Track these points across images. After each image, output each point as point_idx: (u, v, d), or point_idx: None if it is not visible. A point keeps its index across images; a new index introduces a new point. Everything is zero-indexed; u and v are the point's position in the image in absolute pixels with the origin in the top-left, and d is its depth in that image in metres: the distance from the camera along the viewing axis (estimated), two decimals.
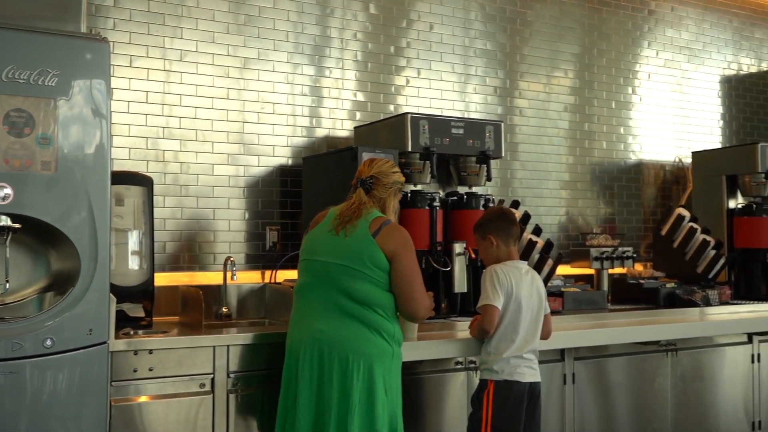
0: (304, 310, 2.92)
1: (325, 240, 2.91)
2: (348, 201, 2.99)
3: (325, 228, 2.94)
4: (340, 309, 2.84)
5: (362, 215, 2.90)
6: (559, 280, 4.44)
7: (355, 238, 2.85)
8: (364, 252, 2.84)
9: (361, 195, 2.97)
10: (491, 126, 4.08)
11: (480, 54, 5.02)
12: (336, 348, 2.80)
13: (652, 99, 5.72)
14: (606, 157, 5.49)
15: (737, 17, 6.21)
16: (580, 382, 3.96)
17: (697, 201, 5.43)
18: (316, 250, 2.93)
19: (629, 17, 5.65)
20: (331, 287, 2.85)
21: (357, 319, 2.83)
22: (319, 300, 2.87)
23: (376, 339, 2.83)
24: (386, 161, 3.09)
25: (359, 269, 2.84)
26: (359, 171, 3.06)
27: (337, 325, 2.83)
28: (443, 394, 3.63)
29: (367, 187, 2.98)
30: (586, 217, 5.35)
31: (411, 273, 2.89)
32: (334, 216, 2.96)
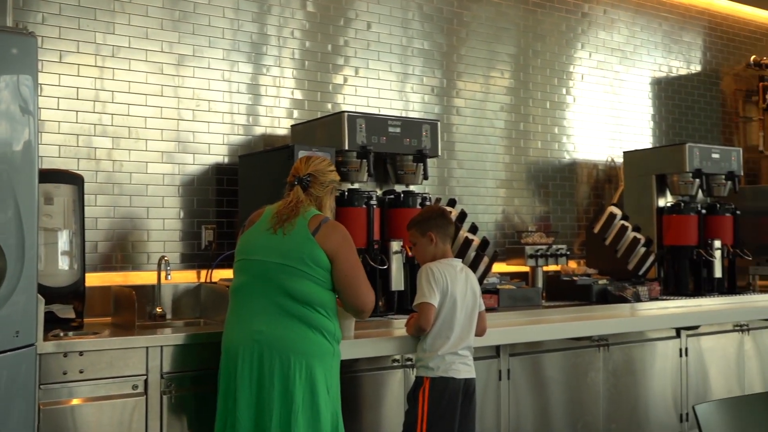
0: (242, 310, 2.86)
1: (263, 239, 2.86)
2: (285, 199, 2.95)
3: (263, 227, 2.89)
4: (279, 309, 2.79)
5: (300, 213, 2.87)
6: (495, 278, 4.50)
7: (294, 236, 2.82)
8: (304, 250, 2.80)
9: (298, 193, 2.93)
10: (428, 125, 4.11)
11: (418, 53, 5.05)
12: (276, 349, 2.75)
13: (586, 100, 5.84)
14: (541, 156, 5.58)
15: (667, 21, 6.38)
16: (515, 378, 4.02)
17: (628, 199, 5.57)
18: (254, 250, 2.88)
19: (563, 19, 5.76)
20: (270, 287, 2.80)
21: (297, 318, 2.79)
22: (258, 300, 2.82)
23: (317, 338, 2.80)
24: (323, 159, 3.06)
25: (299, 268, 2.80)
26: (295, 168, 3.02)
27: (277, 325, 2.78)
28: (381, 391, 3.65)
29: (304, 185, 2.94)
30: (521, 216, 5.43)
31: (354, 269, 2.89)
32: (271, 214, 2.91)
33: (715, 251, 5.16)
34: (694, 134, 6.48)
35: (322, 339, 2.82)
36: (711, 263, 5.18)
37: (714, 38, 6.73)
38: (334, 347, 2.88)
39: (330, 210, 3.02)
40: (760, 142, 6.97)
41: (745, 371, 5.07)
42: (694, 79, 6.57)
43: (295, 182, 2.95)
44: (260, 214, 2.98)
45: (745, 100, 6.95)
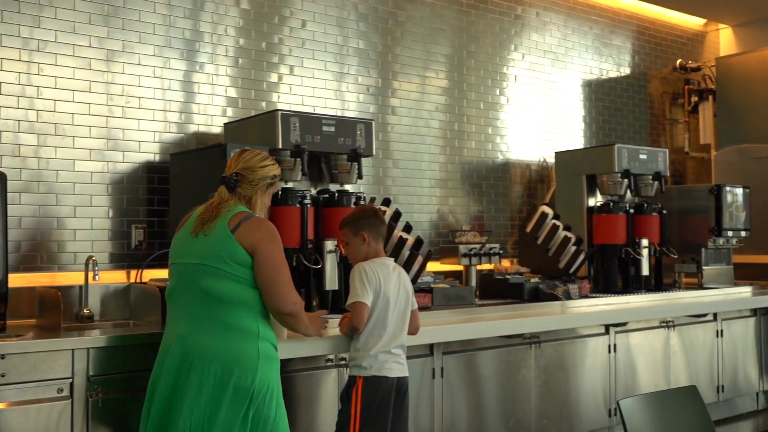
0: (171, 315, 2.82)
1: (187, 242, 2.80)
2: (209, 200, 2.88)
3: (188, 230, 2.83)
4: (199, 311, 2.72)
5: (221, 214, 2.78)
6: (429, 277, 4.53)
7: (214, 236, 2.74)
8: (222, 248, 2.72)
9: (222, 193, 2.85)
10: (362, 124, 4.11)
11: (353, 53, 5.05)
12: (193, 353, 2.67)
13: (519, 101, 5.93)
14: (475, 156, 5.64)
15: (597, 24, 6.53)
16: (448, 376, 4.05)
17: (559, 199, 5.67)
18: (179, 253, 2.83)
19: (497, 21, 5.83)
20: (192, 289, 2.74)
21: (217, 320, 2.70)
22: (182, 304, 2.77)
23: (236, 341, 2.70)
24: (255, 154, 2.93)
25: (218, 267, 2.71)
26: (227, 165, 2.93)
27: (196, 328, 2.71)
28: (314, 391, 3.63)
29: (230, 184, 2.85)
30: (456, 215, 5.49)
31: (274, 267, 2.75)
32: (195, 217, 2.85)
33: (643, 250, 5.30)
34: (623, 135, 6.64)
35: (241, 341, 2.71)
36: (639, 261, 5.32)
37: (642, 42, 6.91)
38: (257, 348, 2.73)
39: (261, 208, 2.91)
40: (685, 143, 7.19)
41: (670, 366, 5.22)
42: (623, 81, 6.73)
43: (221, 181, 2.87)
44: (189, 216, 2.90)
45: (671, 103, 7.16)
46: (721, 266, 5.96)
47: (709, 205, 5.83)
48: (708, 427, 2.30)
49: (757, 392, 6.00)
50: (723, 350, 5.61)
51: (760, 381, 5.95)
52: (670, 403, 2.29)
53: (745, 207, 5.98)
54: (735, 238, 5.92)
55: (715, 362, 5.55)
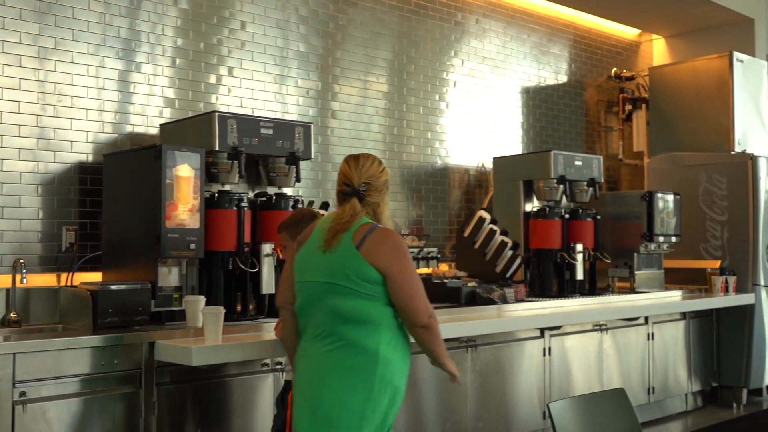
0: (304, 332, 2.75)
1: (313, 258, 2.72)
2: (338, 212, 2.75)
3: (315, 245, 2.73)
4: (328, 330, 2.65)
5: (349, 229, 2.67)
6: None
7: (339, 252, 2.65)
8: (347, 266, 2.63)
9: (355, 206, 2.72)
10: (301, 127, 4.10)
11: (293, 55, 5.02)
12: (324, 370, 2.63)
13: (458, 106, 5.98)
14: (415, 160, 5.67)
15: (535, 32, 6.63)
16: None
17: (497, 204, 5.74)
18: (305, 270, 2.73)
19: (437, 27, 5.88)
20: (320, 308, 2.67)
21: (345, 338, 2.62)
22: (310, 323, 2.70)
23: (363, 358, 2.61)
24: (372, 160, 2.82)
25: (344, 285, 2.63)
26: (345, 176, 2.77)
27: (323, 346, 2.64)
28: (250, 396, 3.60)
29: (361, 196, 2.73)
30: (395, 219, 5.50)
31: (408, 280, 2.65)
32: (323, 230, 2.74)
33: (577, 254, 5.41)
34: (560, 142, 6.76)
35: (363, 358, 2.61)
36: (573, 266, 5.42)
37: (579, 51, 7.05)
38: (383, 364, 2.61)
39: (387, 214, 2.83)
40: (619, 150, 7.36)
41: (603, 368, 5.33)
42: (560, 89, 6.86)
43: (350, 193, 2.74)
44: (312, 229, 2.80)
45: (606, 111, 7.32)
46: (652, 271, 6.11)
47: (642, 211, 5.97)
48: (635, 428, 2.35)
49: (686, 393, 6.17)
50: (654, 353, 5.76)
51: (689, 382, 6.13)
52: (599, 405, 2.34)
53: (675, 213, 6.15)
54: (666, 244, 6.08)
55: (646, 364, 5.70)
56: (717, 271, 6.28)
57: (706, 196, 6.55)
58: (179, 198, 3.54)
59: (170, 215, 3.51)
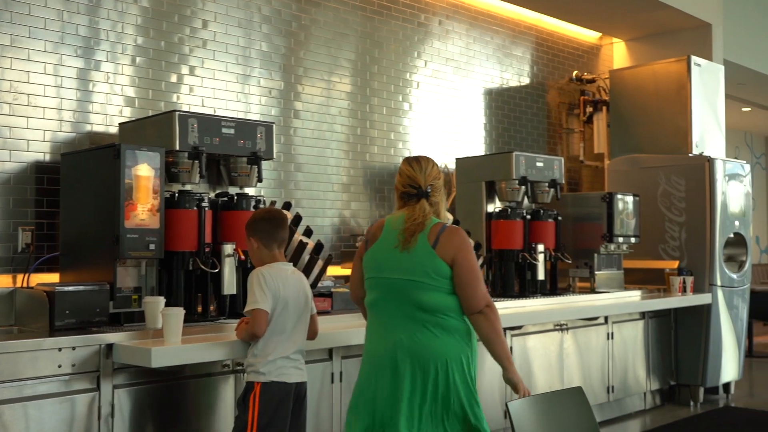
0: (381, 324, 3.00)
1: (391, 256, 2.96)
2: (409, 214, 2.97)
3: (390, 243, 2.97)
4: (413, 319, 2.92)
5: (422, 229, 2.94)
6: (330, 281, 4.53)
7: (417, 252, 2.92)
8: (427, 265, 2.91)
9: (425, 207, 2.98)
10: (263, 127, 4.08)
11: (256, 55, 5.00)
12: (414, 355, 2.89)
13: (421, 107, 6.00)
14: (378, 161, 5.68)
15: (498, 34, 6.68)
16: (348, 380, 4.05)
17: (460, 205, 5.77)
18: (383, 267, 2.98)
19: (400, 27, 5.89)
20: (403, 301, 2.93)
21: (431, 325, 2.91)
22: (394, 313, 2.95)
23: (448, 340, 2.91)
24: (432, 163, 3.06)
25: (425, 281, 2.91)
26: (410, 178, 3.01)
27: (413, 334, 2.91)
28: (211, 397, 3.57)
29: (428, 196, 2.99)
30: (358, 219, 5.50)
31: (471, 271, 2.95)
32: (396, 230, 2.98)
33: (539, 255, 5.46)
34: (522, 143, 6.81)
35: (452, 340, 2.92)
36: (535, 266, 5.46)
37: (541, 53, 7.12)
38: (467, 344, 2.96)
39: (445, 211, 3.11)
40: (580, 152, 7.45)
41: (564, 368, 5.38)
42: (522, 91, 6.91)
43: (416, 195, 2.98)
44: (380, 227, 3.04)
45: (568, 113, 7.40)
46: (612, 271, 6.19)
47: (602, 212, 6.05)
48: (593, 427, 2.38)
49: (645, 392, 6.26)
50: (613, 352, 5.83)
51: (648, 381, 6.22)
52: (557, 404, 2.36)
53: (635, 214, 6.24)
54: (625, 244, 6.17)
55: (606, 364, 5.77)
56: (675, 271, 6.38)
57: (664, 198, 6.66)
58: (138, 198, 3.50)
59: (129, 215, 3.47)
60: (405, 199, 3.02)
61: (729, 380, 6.70)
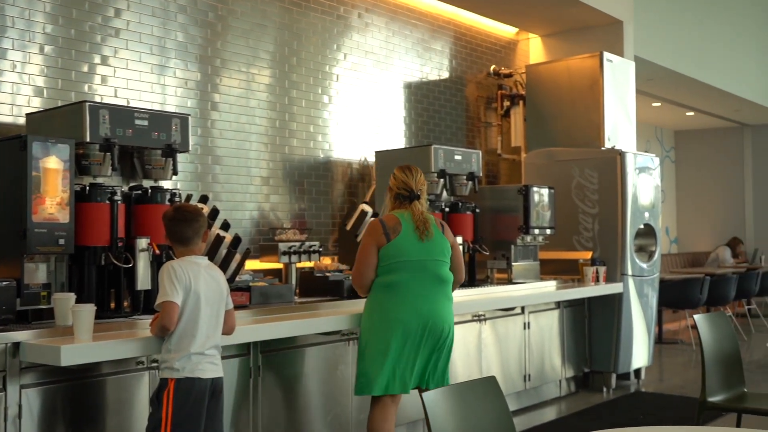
0: (409, 297, 3.87)
1: (414, 244, 3.89)
2: (411, 211, 3.92)
3: (411, 236, 3.89)
4: (435, 292, 3.93)
5: (430, 221, 3.94)
6: (248, 275, 4.49)
7: (435, 239, 3.93)
8: (444, 248, 3.97)
9: (422, 205, 3.96)
10: (178, 119, 4.00)
11: (172, 45, 4.90)
12: (437, 318, 3.91)
13: (341, 99, 5.99)
14: (297, 154, 5.64)
15: (417, 28, 6.72)
16: (266, 375, 4.03)
17: (379, 198, 5.78)
18: (409, 252, 3.88)
19: (319, 19, 5.86)
20: (426, 277, 3.90)
21: (444, 295, 3.98)
22: (421, 288, 3.89)
23: (451, 307, 4.03)
24: (419, 172, 4.02)
25: (443, 260, 3.96)
26: (405, 183, 3.95)
27: (435, 304, 3.92)
28: (126, 395, 3.49)
29: (418, 198, 3.95)
30: (277, 213, 5.46)
31: (460, 256, 4.17)
32: (411, 225, 3.90)
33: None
34: (441, 137, 6.88)
35: (452, 307, 4.05)
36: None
37: (459, 47, 7.20)
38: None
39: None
40: (498, 145, 7.57)
41: (482, 358, 5.48)
42: (441, 84, 6.98)
43: (409, 197, 3.94)
44: (398, 223, 3.89)
45: (486, 107, 7.51)
46: (528, 262, 6.33)
47: (518, 205, 6.17)
48: (505, 415, 2.43)
49: (560, 379, 6.43)
50: (530, 341, 5.97)
51: (563, 369, 6.39)
52: (471, 393, 2.40)
53: (550, 206, 6.39)
54: (541, 236, 6.30)
55: (522, 353, 5.90)
56: (588, 261, 6.56)
57: (578, 190, 6.84)
58: (47, 191, 3.39)
59: (37, 209, 3.35)
60: (400, 200, 3.96)
61: (640, 366, 6.95)
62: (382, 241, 3.88)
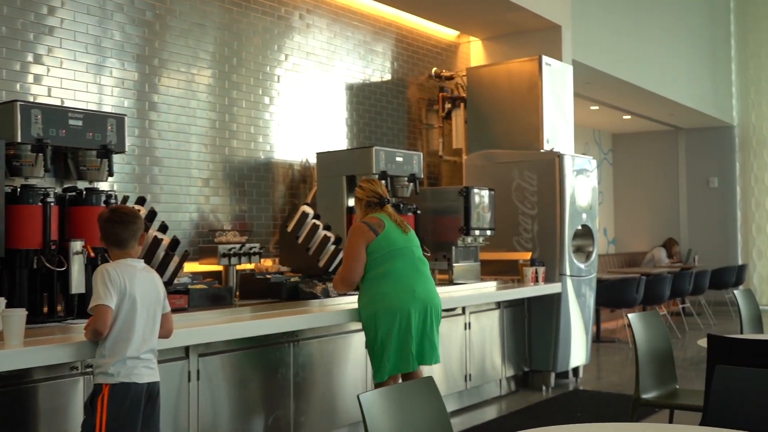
0: (403, 281, 4.35)
1: (401, 236, 4.43)
2: (390, 212, 4.48)
3: (396, 230, 4.43)
4: (422, 273, 4.46)
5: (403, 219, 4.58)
6: (187, 278, 4.43)
7: (412, 232, 4.53)
8: (417, 238, 4.57)
9: (391, 209, 4.53)
10: (114, 119, 3.92)
11: (109, 44, 4.80)
12: (430, 300, 4.41)
13: (283, 101, 5.96)
14: (238, 155, 5.59)
15: (359, 30, 6.73)
16: (205, 378, 3.99)
17: (321, 199, 5.78)
18: (399, 242, 4.40)
19: (260, 20, 5.82)
20: (414, 261, 4.44)
21: (429, 275, 4.55)
22: (412, 271, 4.40)
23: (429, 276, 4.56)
24: (382, 182, 4.78)
25: (421, 246, 4.58)
26: (375, 192, 4.49)
27: (426, 284, 4.45)
28: (60, 402, 3.41)
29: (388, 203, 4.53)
30: (217, 214, 5.40)
31: None
32: (391, 222, 4.43)
33: None
34: (383, 138, 6.90)
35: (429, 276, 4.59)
36: None
37: (401, 49, 7.23)
38: None
39: None
40: (439, 147, 7.63)
41: None
42: (383, 86, 7.00)
43: (379, 203, 4.48)
44: (381, 222, 4.40)
45: (428, 109, 7.56)
46: (469, 263, 6.39)
47: (459, 206, 6.23)
48: (443, 415, 2.45)
49: (501, 378, 6.51)
50: (471, 341, 6.03)
51: (503, 368, 6.47)
52: (409, 394, 2.41)
53: (490, 208, 6.47)
54: (481, 237, 6.38)
55: (463, 353, 5.95)
56: (528, 262, 6.66)
57: (518, 192, 6.93)
58: None
59: None
60: (372, 206, 4.47)
61: (578, 365, 7.08)
62: (370, 237, 4.33)
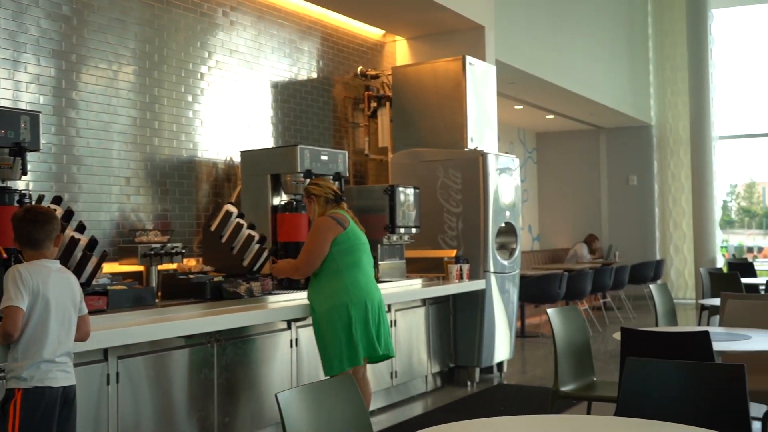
0: (359, 274, 4.59)
1: (359, 233, 4.67)
2: (345, 209, 4.69)
3: (356, 226, 4.66)
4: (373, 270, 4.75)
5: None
6: (106, 278, 4.35)
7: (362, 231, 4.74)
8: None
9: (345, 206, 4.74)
10: (27, 116, 3.82)
11: (23, 39, 4.66)
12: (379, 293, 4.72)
13: (206, 98, 5.89)
14: (160, 153, 5.50)
15: (284, 28, 6.70)
16: (126, 381, 3.91)
17: (245, 198, 5.74)
18: (360, 237, 4.66)
19: (182, 16, 5.74)
20: (369, 258, 4.73)
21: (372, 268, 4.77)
22: (369, 267, 4.70)
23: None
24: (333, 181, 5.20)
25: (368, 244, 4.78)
26: (332, 189, 4.69)
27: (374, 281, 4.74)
28: None
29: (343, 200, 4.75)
30: (138, 214, 5.31)
31: None
32: (352, 219, 4.67)
33: None
34: (309, 137, 6.89)
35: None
36: None
37: (327, 48, 7.23)
38: None
39: None
40: (365, 146, 7.66)
41: None
42: (309, 84, 6.99)
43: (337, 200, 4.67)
44: (345, 219, 4.62)
45: (354, 108, 7.58)
46: (395, 261, 6.44)
47: (385, 204, 6.27)
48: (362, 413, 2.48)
49: (427, 375, 6.58)
50: (397, 338, 6.07)
51: (429, 364, 6.54)
52: (327, 392, 2.43)
53: (416, 206, 6.53)
54: (407, 235, 6.43)
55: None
56: (453, 259, 6.75)
57: (443, 190, 7.02)
58: None
59: None
60: (330, 203, 4.63)
61: (502, 360, 7.21)
62: (338, 230, 4.54)
